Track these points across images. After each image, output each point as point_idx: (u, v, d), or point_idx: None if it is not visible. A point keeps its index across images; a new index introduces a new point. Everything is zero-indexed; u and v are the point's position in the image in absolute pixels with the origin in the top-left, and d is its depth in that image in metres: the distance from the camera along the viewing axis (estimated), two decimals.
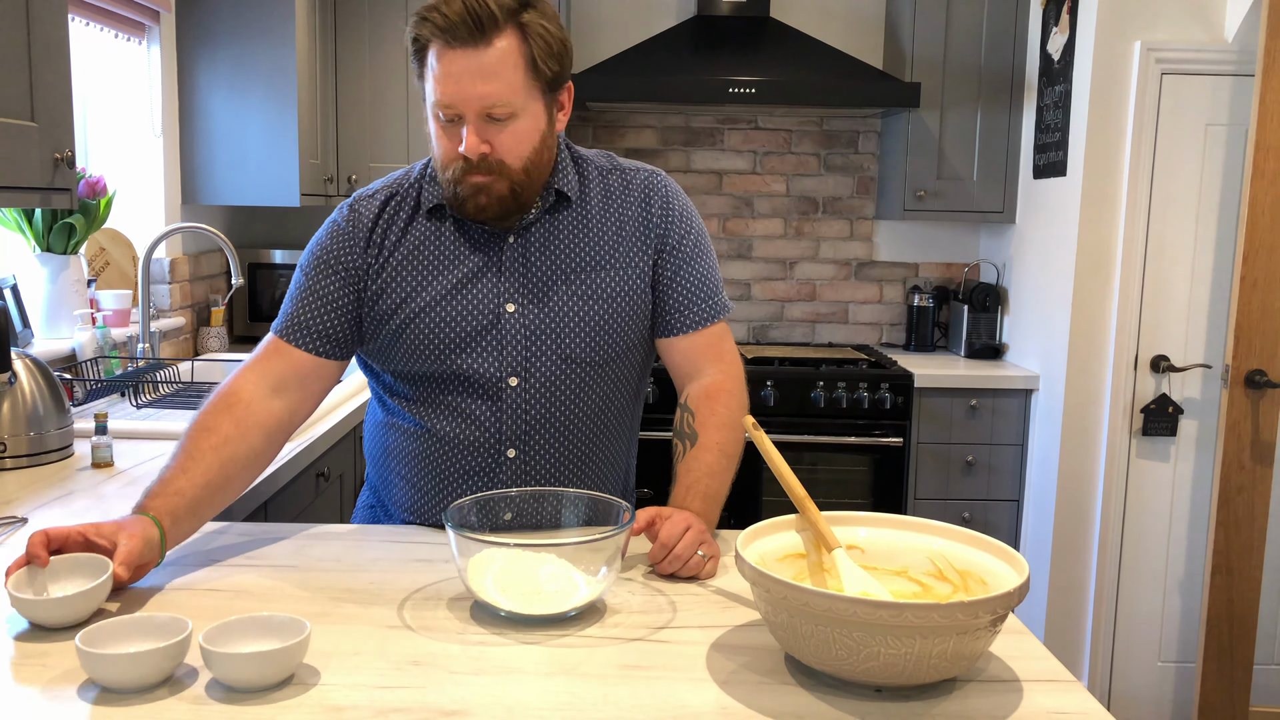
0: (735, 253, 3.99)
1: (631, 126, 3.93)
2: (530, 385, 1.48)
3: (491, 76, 1.34)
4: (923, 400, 3.43)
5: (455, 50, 1.34)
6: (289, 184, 3.19)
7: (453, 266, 1.48)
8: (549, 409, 1.49)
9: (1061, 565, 3.28)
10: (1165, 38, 3.06)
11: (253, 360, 1.49)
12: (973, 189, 3.62)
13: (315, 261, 1.51)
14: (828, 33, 3.83)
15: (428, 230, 1.50)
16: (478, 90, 1.35)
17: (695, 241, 1.55)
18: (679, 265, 1.53)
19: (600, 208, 1.52)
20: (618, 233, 1.52)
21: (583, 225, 1.51)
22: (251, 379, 1.46)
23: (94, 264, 2.93)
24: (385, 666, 1.08)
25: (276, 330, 1.50)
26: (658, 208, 1.54)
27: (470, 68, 1.34)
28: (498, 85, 1.35)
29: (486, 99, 1.35)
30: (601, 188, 1.54)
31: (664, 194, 1.55)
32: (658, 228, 1.53)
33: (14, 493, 1.75)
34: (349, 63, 3.47)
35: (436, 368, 1.48)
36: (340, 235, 1.50)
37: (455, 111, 1.37)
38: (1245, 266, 2.75)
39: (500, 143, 1.39)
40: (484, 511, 1.31)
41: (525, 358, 1.47)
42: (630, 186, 1.54)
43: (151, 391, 2.55)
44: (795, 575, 1.19)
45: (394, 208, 1.51)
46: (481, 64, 1.34)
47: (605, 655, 1.12)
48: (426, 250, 1.49)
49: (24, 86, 1.72)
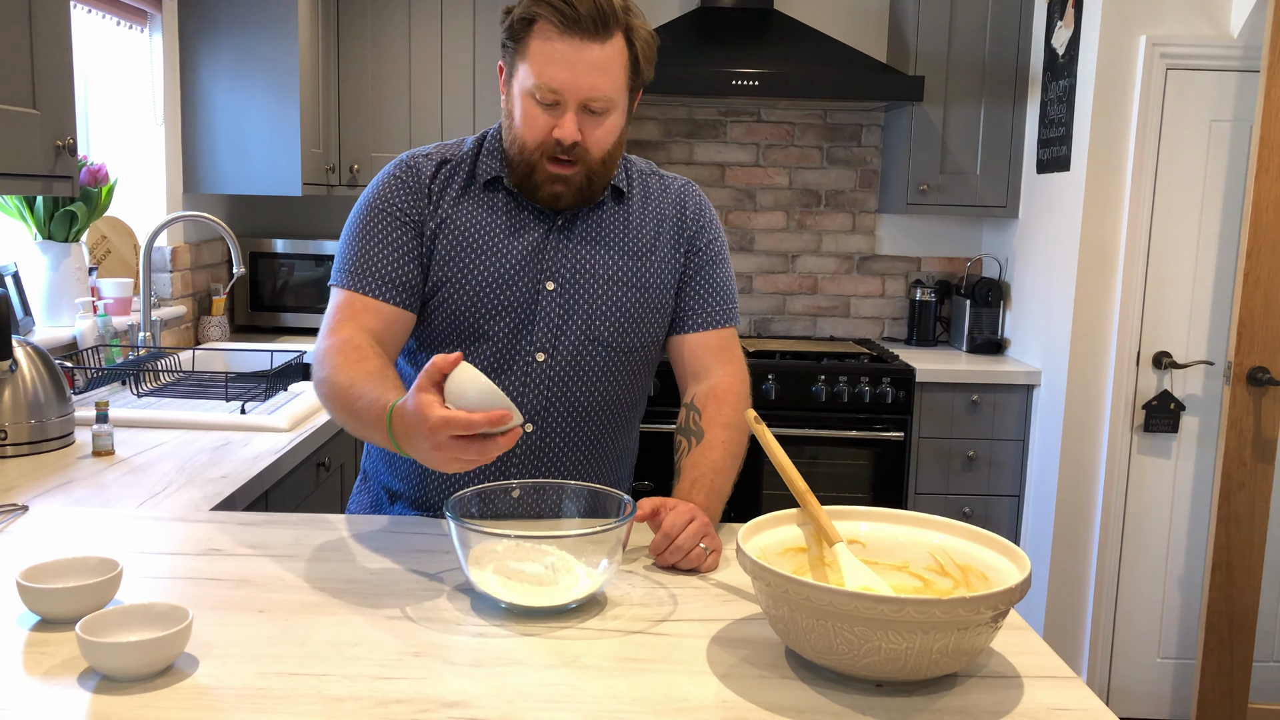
0: (737, 245, 3.98)
1: (634, 118, 3.91)
2: (556, 362, 1.51)
3: (603, 72, 1.40)
4: (924, 395, 3.42)
5: (575, 39, 1.38)
6: (291, 173, 3.18)
7: (501, 240, 1.51)
8: (571, 387, 1.52)
9: (1062, 561, 3.28)
10: (1170, 32, 3.05)
11: (337, 321, 1.44)
12: (976, 183, 3.61)
13: (376, 213, 1.50)
14: (831, 25, 3.82)
15: (480, 201, 1.53)
16: (589, 82, 1.40)
17: (719, 249, 1.63)
18: (701, 267, 1.59)
19: (641, 205, 1.59)
20: (656, 228, 1.58)
21: (625, 218, 1.57)
22: (352, 331, 1.42)
23: (95, 252, 2.93)
24: (385, 657, 1.07)
25: (348, 285, 1.47)
26: (691, 212, 1.61)
27: (587, 59, 1.39)
28: (607, 81, 1.41)
29: (595, 91, 1.40)
30: (642, 188, 1.61)
31: (697, 201, 1.63)
32: (689, 229, 1.60)
33: (15, 480, 1.75)
34: (351, 52, 3.46)
35: (467, 334, 1.50)
36: (401, 185, 1.51)
37: (559, 97, 1.41)
38: (1248, 263, 2.74)
39: (591, 134, 1.44)
40: (485, 501, 1.31)
41: (556, 335, 1.50)
42: (668, 190, 1.62)
43: (152, 380, 2.55)
44: (796, 569, 1.19)
45: (448, 172, 1.53)
46: (598, 58, 1.39)
47: (606, 647, 1.12)
48: (477, 221, 1.51)
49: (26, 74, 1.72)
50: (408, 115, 3.49)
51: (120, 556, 1.27)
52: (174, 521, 1.50)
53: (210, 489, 1.76)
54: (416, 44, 3.45)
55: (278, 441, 2.10)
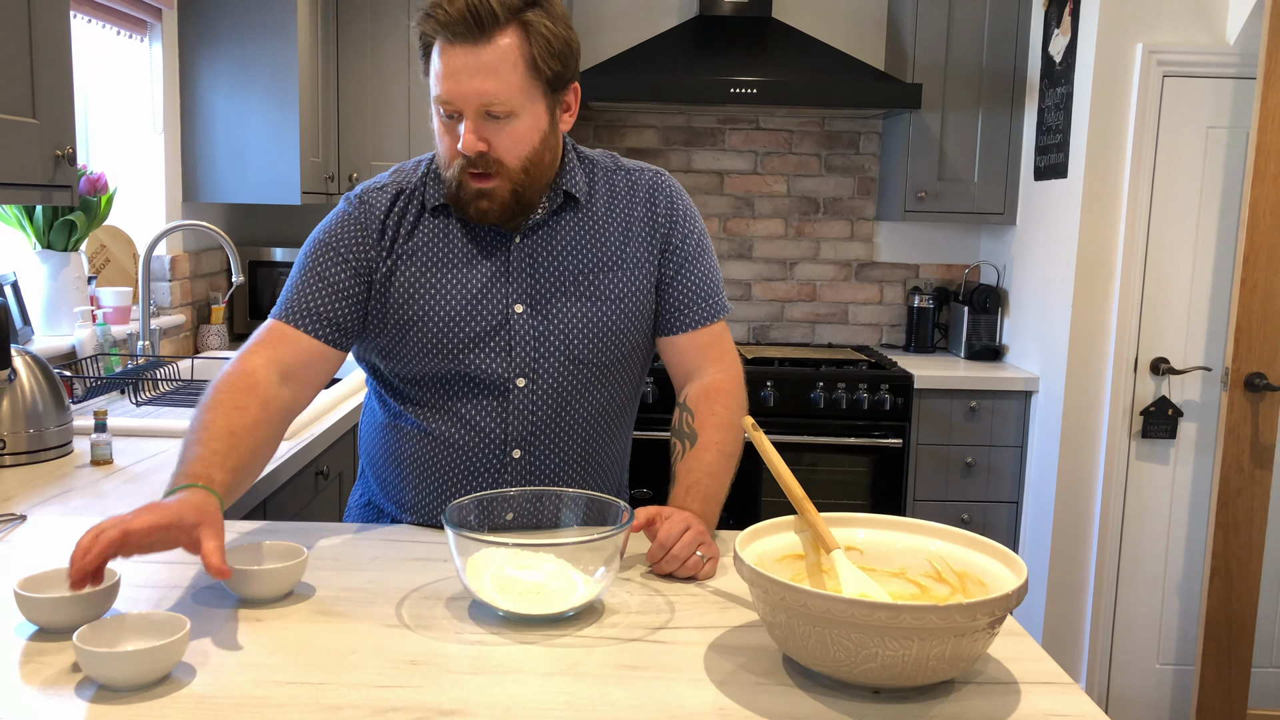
0: (736, 253, 3.99)
1: (633, 126, 3.93)
2: (538, 386, 1.48)
3: (490, 74, 1.34)
4: (922, 401, 3.42)
5: (456, 46, 1.35)
6: (290, 182, 3.19)
7: (461, 267, 1.47)
8: (556, 410, 1.49)
9: (1060, 567, 3.28)
10: (1167, 40, 3.06)
11: (255, 344, 1.43)
12: (973, 190, 3.62)
13: (323, 249, 1.48)
14: (829, 33, 3.83)
15: (435, 229, 1.49)
16: (475, 87, 1.35)
17: (698, 241, 1.56)
18: (681, 264, 1.54)
19: (606, 208, 1.53)
20: (624, 233, 1.52)
21: (589, 226, 1.51)
22: (260, 363, 1.40)
23: (94, 261, 2.93)
24: (383, 665, 1.08)
25: (279, 315, 1.45)
26: (663, 207, 1.54)
27: (469, 64, 1.34)
28: (495, 83, 1.35)
29: (484, 96, 1.35)
30: (607, 188, 1.54)
31: (669, 194, 1.55)
32: (663, 227, 1.53)
33: (13, 490, 1.75)
34: (350, 60, 3.47)
35: (444, 368, 1.47)
36: (351, 224, 1.48)
37: (454, 108, 1.37)
38: (1246, 269, 2.75)
39: (499, 142, 1.38)
40: (483, 511, 1.31)
41: (534, 359, 1.47)
42: (636, 187, 1.55)
43: (151, 389, 2.55)
44: (793, 576, 1.19)
45: (403, 204, 1.50)
46: (480, 61, 1.34)
47: (603, 655, 1.12)
48: (434, 249, 1.48)
49: (25, 83, 1.72)
50: (406, 124, 3.49)
51: (118, 566, 1.27)
52: None
53: None
54: (415, 51, 3.44)
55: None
